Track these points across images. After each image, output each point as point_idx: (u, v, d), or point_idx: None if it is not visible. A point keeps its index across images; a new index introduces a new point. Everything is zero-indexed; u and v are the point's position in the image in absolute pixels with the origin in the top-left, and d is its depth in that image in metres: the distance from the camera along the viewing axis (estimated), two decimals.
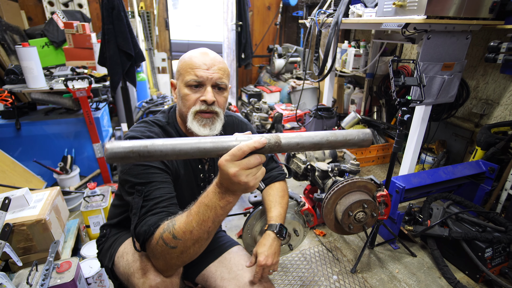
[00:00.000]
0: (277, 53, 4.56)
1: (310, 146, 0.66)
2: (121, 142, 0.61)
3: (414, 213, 1.87)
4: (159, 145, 0.61)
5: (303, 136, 0.67)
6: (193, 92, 0.94)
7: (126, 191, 0.89)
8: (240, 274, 1.02)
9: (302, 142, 0.66)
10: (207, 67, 0.92)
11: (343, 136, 0.67)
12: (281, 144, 0.66)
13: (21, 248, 1.35)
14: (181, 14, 7.17)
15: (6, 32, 3.05)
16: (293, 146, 0.66)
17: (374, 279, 1.68)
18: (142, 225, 0.81)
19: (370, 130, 0.69)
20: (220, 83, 0.94)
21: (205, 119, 0.95)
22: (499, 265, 1.62)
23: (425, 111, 2.02)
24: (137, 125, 0.98)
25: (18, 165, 2.04)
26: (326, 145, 0.67)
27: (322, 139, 0.66)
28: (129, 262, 0.93)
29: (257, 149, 0.64)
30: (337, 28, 2.40)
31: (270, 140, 0.65)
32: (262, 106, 3.05)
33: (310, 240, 1.98)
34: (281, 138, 0.66)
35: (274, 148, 0.66)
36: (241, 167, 0.64)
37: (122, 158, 0.60)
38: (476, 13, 1.77)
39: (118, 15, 2.24)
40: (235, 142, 0.65)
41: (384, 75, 3.08)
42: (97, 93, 2.65)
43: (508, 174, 1.88)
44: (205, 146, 0.64)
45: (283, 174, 1.27)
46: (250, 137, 0.66)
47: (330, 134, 0.67)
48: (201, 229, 0.73)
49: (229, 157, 0.63)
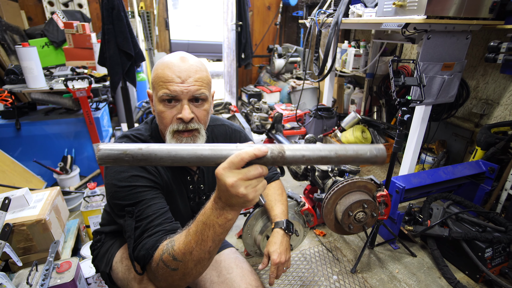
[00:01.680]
0: (277, 53, 4.56)
1: (317, 159, 0.62)
2: (115, 143, 0.60)
3: (414, 213, 1.87)
4: (154, 149, 0.58)
5: (310, 149, 0.62)
6: (169, 108, 0.84)
7: (116, 214, 0.85)
8: (229, 277, 0.97)
9: (308, 155, 0.61)
10: (182, 80, 0.81)
11: (354, 150, 0.62)
12: (285, 155, 0.61)
13: (21, 248, 1.35)
14: (181, 14, 7.16)
15: (6, 32, 3.05)
16: (298, 159, 0.61)
17: (374, 279, 1.68)
18: (139, 249, 0.77)
19: (384, 146, 0.63)
20: (198, 95, 0.84)
21: (184, 138, 0.86)
22: (499, 265, 1.62)
23: (425, 111, 2.02)
24: (118, 142, 0.91)
25: (18, 165, 2.04)
26: (335, 159, 0.62)
27: (330, 153, 0.61)
28: (128, 267, 0.92)
29: (258, 157, 0.59)
30: (337, 28, 2.40)
31: (273, 150, 0.61)
32: (262, 106, 3.05)
33: (310, 240, 1.98)
34: (286, 149, 0.61)
35: (277, 159, 0.61)
36: (239, 177, 0.59)
37: (115, 160, 0.58)
38: (476, 13, 1.77)
39: (118, 15, 2.24)
40: (235, 150, 0.61)
41: (384, 75, 3.08)
42: (97, 93, 2.65)
43: (508, 174, 1.88)
44: (203, 153, 0.60)
45: (278, 174, 1.26)
46: (252, 145, 0.62)
47: (339, 148, 0.62)
48: (201, 249, 0.68)
49: (227, 165, 0.59)
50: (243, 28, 4.04)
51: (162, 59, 0.87)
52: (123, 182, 0.82)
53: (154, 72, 0.86)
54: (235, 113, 3.14)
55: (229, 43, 4.36)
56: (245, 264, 1.05)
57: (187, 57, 0.86)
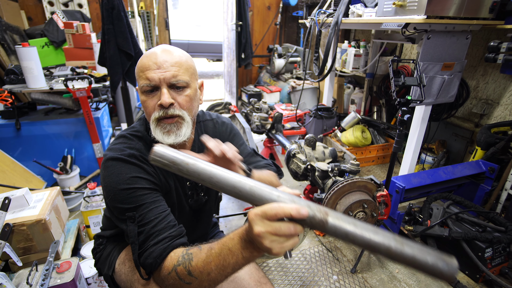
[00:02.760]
0: (277, 53, 4.56)
1: (362, 244, 0.52)
2: (170, 150, 0.63)
3: (414, 213, 1.87)
4: (198, 169, 0.61)
5: (358, 226, 0.52)
6: (150, 97, 0.83)
7: (117, 218, 0.84)
8: (237, 276, 0.98)
9: (354, 235, 0.52)
10: (157, 66, 0.80)
11: (412, 252, 0.49)
12: (327, 224, 0.54)
13: (21, 248, 1.35)
14: (181, 14, 7.16)
15: (6, 32, 3.05)
16: (340, 233, 0.53)
17: (374, 279, 1.68)
18: (146, 256, 0.76)
19: (456, 263, 0.49)
20: (175, 82, 0.82)
21: (168, 125, 0.83)
22: (499, 265, 1.62)
23: (425, 111, 2.02)
24: (116, 142, 0.89)
25: (18, 165, 2.04)
26: (384, 251, 0.51)
27: (383, 243, 0.50)
28: (132, 269, 0.92)
29: (294, 218, 0.54)
30: (337, 28, 2.40)
31: (315, 215, 0.54)
32: (262, 106, 3.05)
33: (310, 240, 1.98)
34: (330, 217, 0.54)
35: (316, 225, 0.55)
36: (268, 230, 0.55)
37: (164, 164, 0.63)
38: (476, 13, 1.77)
39: (118, 15, 2.24)
40: (275, 199, 0.57)
41: (384, 75, 3.08)
42: (97, 93, 2.65)
43: (508, 174, 1.88)
44: (242, 187, 0.58)
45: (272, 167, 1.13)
46: (294, 199, 0.56)
47: (395, 243, 0.50)
48: (219, 273, 0.67)
49: (260, 212, 0.56)
50: (243, 28, 4.04)
51: (145, 52, 0.87)
52: (122, 185, 0.81)
53: (137, 65, 0.85)
54: (235, 113, 3.14)
55: (229, 43, 4.37)
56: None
57: (170, 48, 0.86)
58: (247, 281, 0.97)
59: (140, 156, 0.85)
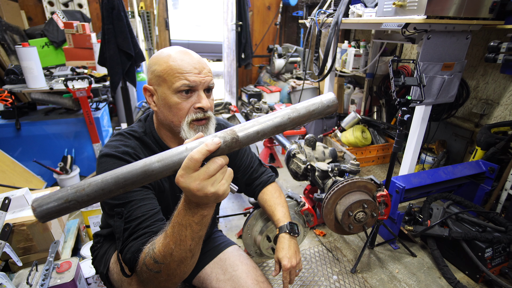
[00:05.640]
0: (277, 53, 4.56)
1: (273, 130, 0.59)
2: (46, 195, 0.52)
3: (414, 213, 1.87)
4: (97, 187, 0.52)
5: (261, 122, 0.58)
6: (185, 99, 0.85)
7: (106, 213, 0.84)
8: (235, 275, 1.00)
9: (262, 129, 0.58)
10: (198, 71, 0.85)
11: (305, 108, 0.60)
12: (239, 138, 0.57)
13: (21, 248, 1.35)
14: (181, 14, 7.16)
15: (6, 32, 3.05)
16: (253, 137, 0.58)
17: (374, 279, 1.68)
18: (126, 252, 0.76)
19: (333, 94, 0.62)
20: (211, 86, 0.90)
21: (200, 127, 0.89)
22: (499, 265, 1.62)
23: (425, 111, 2.02)
24: (112, 139, 0.91)
25: (18, 165, 2.04)
26: (290, 124, 0.59)
27: (283, 119, 0.59)
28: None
29: (212, 152, 0.55)
30: (337, 28, 2.40)
31: (225, 138, 0.56)
32: (262, 106, 3.05)
33: (310, 240, 1.98)
34: (237, 131, 0.58)
35: (233, 145, 0.57)
36: (201, 178, 0.55)
37: (58, 212, 0.51)
38: (476, 13, 1.77)
39: (118, 15, 2.24)
40: (186, 152, 0.56)
41: (384, 75, 3.08)
42: (97, 93, 2.65)
43: (508, 174, 1.88)
44: (152, 168, 0.54)
45: (273, 176, 1.25)
46: (201, 140, 0.57)
47: (290, 111, 0.59)
48: (181, 249, 0.66)
49: (184, 171, 0.55)
50: (243, 28, 4.04)
51: (163, 53, 0.88)
52: None
53: (162, 64, 0.85)
54: (235, 113, 3.15)
55: (229, 43, 4.37)
56: (249, 261, 1.07)
57: (188, 51, 0.90)
58: (245, 280, 0.98)
59: (134, 154, 0.87)
